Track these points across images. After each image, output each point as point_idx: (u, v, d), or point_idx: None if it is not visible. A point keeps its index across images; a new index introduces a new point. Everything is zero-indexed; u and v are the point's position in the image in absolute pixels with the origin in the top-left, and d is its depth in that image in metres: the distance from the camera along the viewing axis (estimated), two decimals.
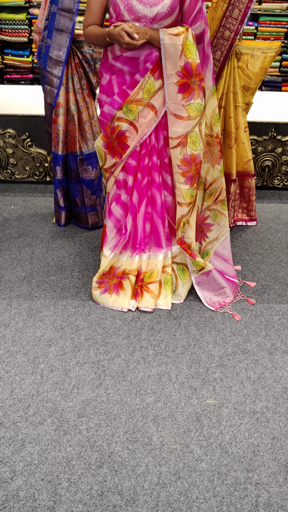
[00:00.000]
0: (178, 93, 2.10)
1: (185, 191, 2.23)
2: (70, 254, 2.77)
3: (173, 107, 2.12)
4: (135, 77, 2.09)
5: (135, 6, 1.98)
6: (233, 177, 2.95)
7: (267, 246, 2.91)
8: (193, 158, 2.19)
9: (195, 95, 2.11)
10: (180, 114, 2.13)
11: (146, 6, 1.98)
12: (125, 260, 2.35)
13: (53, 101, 2.72)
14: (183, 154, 2.18)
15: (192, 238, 2.33)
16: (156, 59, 2.08)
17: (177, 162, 2.20)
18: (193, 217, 2.32)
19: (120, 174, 2.25)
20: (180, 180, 2.22)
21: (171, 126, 2.15)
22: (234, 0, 2.59)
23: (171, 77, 2.07)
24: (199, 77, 2.09)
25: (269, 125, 3.39)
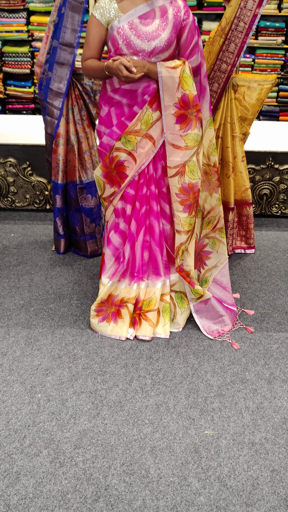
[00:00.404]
0: (175, 124, 2.14)
1: (184, 219, 2.25)
2: (69, 282, 2.77)
3: (171, 137, 2.16)
4: (133, 109, 2.14)
5: (133, 40, 2.04)
6: (231, 206, 2.98)
7: (265, 274, 2.92)
8: (191, 186, 2.22)
9: (192, 126, 2.15)
10: (178, 144, 2.16)
11: (144, 41, 2.04)
12: (123, 288, 2.35)
13: (53, 132, 2.77)
14: (181, 183, 2.21)
15: (191, 266, 2.34)
16: (154, 91, 2.13)
17: (175, 191, 2.23)
18: (192, 245, 2.33)
19: (119, 203, 2.28)
20: (179, 209, 2.25)
21: (169, 155, 2.19)
22: (231, 35, 2.67)
23: (169, 108, 2.12)
24: (196, 108, 2.14)
25: (267, 154, 3.44)
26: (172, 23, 2.07)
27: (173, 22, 2.07)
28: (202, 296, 2.38)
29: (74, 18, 2.55)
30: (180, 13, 2.09)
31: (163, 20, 2.06)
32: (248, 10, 2.61)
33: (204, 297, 2.39)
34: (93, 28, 2.11)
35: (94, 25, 2.10)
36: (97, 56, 2.16)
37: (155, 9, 2.07)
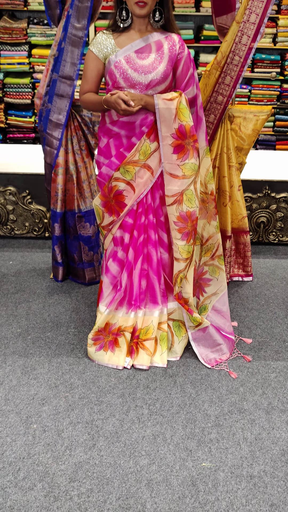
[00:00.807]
0: (173, 154, 2.18)
1: (182, 247, 2.27)
2: (66, 310, 2.77)
3: (168, 166, 2.20)
4: (131, 140, 2.18)
5: (130, 74, 2.09)
6: (228, 234, 3.01)
7: (263, 302, 2.92)
8: (189, 215, 2.24)
9: (189, 156, 2.19)
10: (176, 173, 2.20)
11: (141, 74, 2.10)
12: (121, 317, 2.35)
13: (52, 161, 2.82)
14: (179, 211, 2.23)
15: (189, 293, 2.34)
16: (151, 123, 2.17)
17: (174, 219, 2.25)
18: (191, 272, 2.34)
19: (118, 231, 2.30)
20: (177, 236, 2.26)
21: (167, 184, 2.22)
22: (226, 68, 2.74)
23: (166, 139, 2.16)
24: (193, 138, 2.18)
25: (263, 183, 3.48)
26: (167, 56, 2.12)
27: (168, 56, 2.13)
28: (200, 324, 2.38)
29: (73, 52, 2.62)
30: (175, 47, 2.15)
31: (159, 54, 2.12)
32: (243, 45, 2.68)
33: (202, 325, 2.39)
34: (91, 63, 2.17)
35: (91, 60, 2.17)
36: (94, 90, 2.22)
37: (150, 44, 2.13)
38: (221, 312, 2.52)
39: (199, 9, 4.64)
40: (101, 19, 4.69)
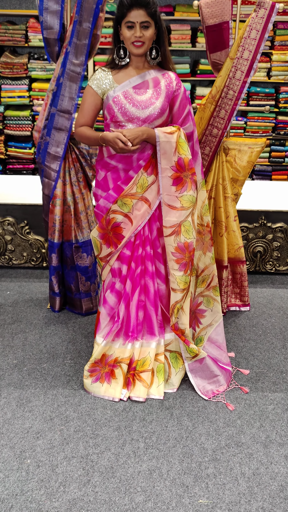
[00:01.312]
0: (172, 186, 2.21)
1: (179, 278, 2.27)
2: (63, 341, 2.76)
3: (167, 198, 2.22)
4: (129, 174, 2.22)
5: (128, 108, 2.15)
6: (225, 264, 3.02)
7: (260, 332, 2.91)
8: (186, 246, 2.26)
9: (187, 188, 2.22)
10: (174, 205, 2.22)
11: (139, 109, 2.15)
12: (118, 348, 2.34)
13: (50, 193, 2.85)
14: (177, 242, 2.25)
15: (186, 324, 2.34)
16: (149, 157, 2.21)
17: (171, 250, 2.26)
18: (187, 303, 2.34)
19: (116, 263, 2.32)
20: (174, 267, 2.28)
21: (166, 215, 2.24)
22: (221, 102, 2.80)
23: (166, 171, 2.20)
24: (191, 171, 2.22)
25: (259, 213, 3.52)
26: (164, 93, 2.18)
27: (165, 92, 2.18)
28: (197, 355, 2.37)
29: (72, 87, 2.69)
30: (172, 84, 2.21)
31: (156, 90, 2.17)
32: (236, 80, 2.76)
33: (199, 356, 2.37)
34: (89, 97, 2.23)
35: (90, 95, 2.22)
36: (90, 124, 2.27)
37: (148, 80, 2.19)
38: (217, 343, 2.51)
39: (195, 44, 4.77)
40: (99, 54, 4.82)
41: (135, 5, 2.05)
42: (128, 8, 2.06)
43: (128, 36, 2.10)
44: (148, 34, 2.10)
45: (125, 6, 2.07)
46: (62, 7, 2.62)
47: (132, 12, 2.06)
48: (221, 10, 2.71)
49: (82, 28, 2.62)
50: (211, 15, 2.72)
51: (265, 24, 2.70)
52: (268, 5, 2.68)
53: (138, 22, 2.06)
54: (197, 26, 4.78)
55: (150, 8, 2.07)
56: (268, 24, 2.69)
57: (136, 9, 2.06)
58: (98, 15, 2.62)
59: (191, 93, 4.97)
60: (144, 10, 2.06)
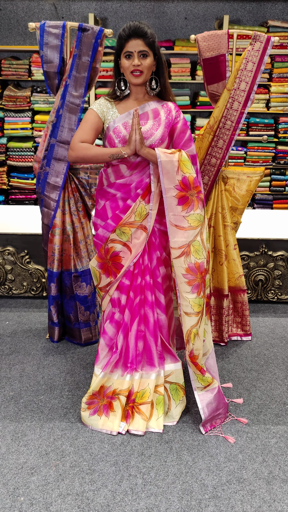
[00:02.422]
0: (177, 205, 2.18)
1: (193, 300, 2.21)
2: (61, 372, 2.71)
3: (174, 218, 2.19)
4: (127, 202, 2.22)
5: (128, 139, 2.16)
6: (225, 292, 2.99)
7: (262, 362, 2.85)
8: (197, 266, 2.21)
9: (194, 206, 2.19)
10: (182, 225, 2.19)
11: None
12: (116, 380, 2.29)
13: (50, 222, 2.86)
14: (188, 263, 2.20)
15: (200, 350, 2.25)
16: (147, 185, 2.22)
17: (182, 272, 2.20)
18: (202, 328, 2.26)
19: (115, 292, 2.29)
20: (186, 290, 2.20)
21: (173, 236, 2.19)
22: (219, 132, 2.83)
23: (170, 191, 2.17)
24: (197, 189, 2.20)
25: (260, 242, 3.51)
26: (164, 123, 2.20)
27: (165, 122, 2.20)
28: (210, 384, 2.28)
29: (71, 118, 2.72)
30: (172, 113, 2.23)
31: (155, 121, 2.20)
32: (234, 110, 2.79)
33: (211, 385, 2.28)
34: (92, 118, 2.20)
35: (92, 116, 2.20)
36: (91, 142, 2.22)
37: (148, 111, 2.21)
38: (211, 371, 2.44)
39: (194, 77, 4.87)
40: (101, 87, 4.92)
41: (133, 35, 2.09)
42: (126, 39, 2.10)
43: (127, 66, 2.13)
44: (146, 63, 2.13)
45: (123, 37, 2.11)
46: (62, 42, 2.69)
47: (130, 42, 2.10)
48: (217, 43, 2.77)
49: (81, 62, 2.68)
50: (208, 48, 2.77)
51: (261, 56, 2.75)
52: (263, 39, 2.73)
53: (136, 51, 2.10)
54: (196, 60, 4.89)
55: (148, 38, 2.11)
56: (264, 56, 2.74)
57: (134, 39, 2.09)
58: (97, 49, 2.68)
59: (191, 124, 5.04)
60: (142, 40, 2.10)
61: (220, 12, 4.92)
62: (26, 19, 4.94)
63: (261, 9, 4.93)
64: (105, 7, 4.91)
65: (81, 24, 2.64)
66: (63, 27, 2.68)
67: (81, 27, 2.64)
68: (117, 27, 4.89)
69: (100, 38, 2.67)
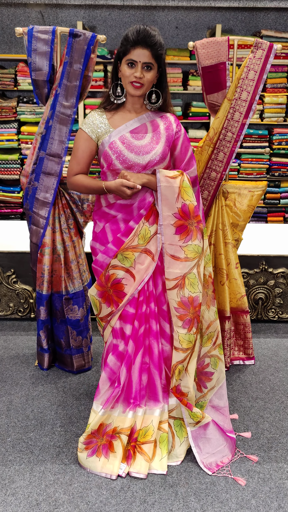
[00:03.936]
0: (175, 235, 2.02)
1: (182, 336, 2.05)
2: (52, 404, 2.49)
3: (170, 248, 2.03)
4: (129, 224, 2.03)
5: (126, 155, 1.98)
6: (227, 314, 2.80)
7: (268, 389, 2.66)
8: (191, 300, 2.04)
9: (193, 237, 2.03)
10: (178, 255, 2.03)
11: (138, 155, 1.98)
12: (117, 417, 2.07)
13: (38, 241, 2.65)
14: (181, 296, 2.04)
15: (189, 387, 2.09)
16: (150, 205, 2.03)
17: (174, 305, 2.05)
18: (193, 364, 2.10)
19: (117, 322, 2.09)
20: (178, 324, 2.05)
21: (168, 267, 2.04)
22: (219, 144, 2.66)
23: (168, 218, 2.01)
24: (197, 219, 2.03)
25: (260, 258, 3.34)
26: (165, 136, 2.03)
27: (165, 136, 2.03)
28: (200, 420, 2.11)
29: (61, 130, 2.54)
30: (172, 126, 2.06)
31: (155, 134, 2.02)
32: (235, 122, 2.63)
33: (203, 421, 2.12)
34: (82, 143, 2.06)
35: (83, 140, 2.05)
36: (86, 171, 2.10)
37: (146, 124, 2.04)
38: (218, 408, 2.26)
39: (186, 87, 4.73)
40: (90, 98, 4.75)
41: (141, 43, 1.91)
42: (132, 45, 1.92)
43: (128, 75, 1.95)
44: (149, 76, 1.96)
45: (130, 42, 1.92)
46: (52, 48, 2.50)
47: (136, 50, 1.91)
48: (217, 51, 2.61)
49: (72, 70, 2.50)
50: (207, 56, 2.61)
51: (263, 64, 2.60)
52: (265, 46, 2.58)
53: (141, 62, 1.92)
54: (188, 70, 4.75)
55: (157, 49, 1.93)
56: (267, 65, 2.59)
57: (141, 48, 1.91)
58: (90, 56, 2.51)
59: None
60: (149, 51, 1.92)
61: (212, 22, 4.80)
62: (11, 27, 4.75)
63: (254, 18, 4.82)
64: (93, 15, 4.75)
65: (72, 30, 2.46)
66: (52, 32, 2.49)
67: (72, 32, 2.46)
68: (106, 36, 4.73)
69: (92, 44, 2.49)
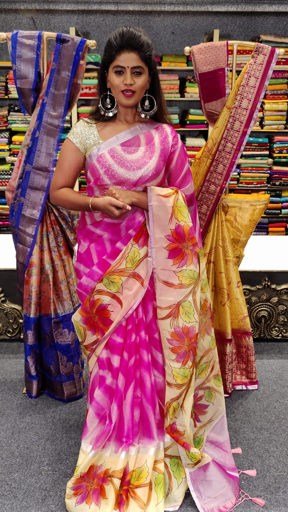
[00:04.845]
0: (168, 259, 1.84)
1: (176, 370, 1.86)
2: (39, 438, 2.30)
3: (162, 273, 1.84)
4: (116, 246, 1.85)
5: (116, 170, 1.80)
6: (228, 337, 2.62)
7: (273, 418, 2.47)
8: (186, 331, 1.86)
9: (188, 261, 1.85)
10: (171, 282, 1.84)
11: (129, 170, 1.81)
12: (109, 457, 1.88)
13: (25, 260, 2.47)
14: (174, 326, 1.85)
15: (186, 426, 1.90)
16: (140, 225, 1.85)
17: (167, 336, 1.86)
18: (189, 401, 1.91)
19: (104, 352, 1.90)
20: (171, 357, 1.87)
21: (160, 294, 1.85)
22: (218, 156, 2.49)
23: (160, 241, 1.83)
24: (192, 241, 1.85)
25: (262, 274, 3.17)
26: (159, 150, 1.85)
27: (160, 149, 1.85)
28: (199, 460, 1.92)
29: (49, 142, 2.37)
30: (168, 139, 1.88)
31: (149, 148, 1.84)
32: (235, 131, 2.46)
33: (202, 461, 1.93)
34: (69, 154, 1.88)
35: (70, 151, 1.88)
36: (71, 184, 1.92)
37: (139, 136, 1.86)
38: (218, 443, 2.06)
39: (183, 94, 4.57)
40: (84, 106, 4.59)
41: (126, 46, 1.73)
42: (117, 50, 1.74)
43: (117, 84, 1.77)
44: (140, 82, 1.78)
45: (114, 47, 1.74)
46: (38, 54, 2.34)
47: (123, 55, 1.74)
48: (215, 56, 2.44)
49: (60, 77, 2.33)
50: (204, 61, 2.45)
51: (265, 70, 2.43)
52: (267, 51, 2.42)
53: (129, 67, 1.75)
54: (185, 76, 4.59)
55: (144, 51, 1.75)
56: (268, 70, 2.43)
57: (127, 52, 1.73)
58: (79, 62, 2.34)
59: None
60: (137, 54, 1.74)
61: (210, 27, 4.65)
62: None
63: (252, 23, 4.67)
64: (87, 21, 4.60)
65: (60, 34, 2.30)
66: (38, 37, 2.33)
67: (60, 37, 2.30)
68: (100, 42, 4.58)
69: (81, 50, 2.33)
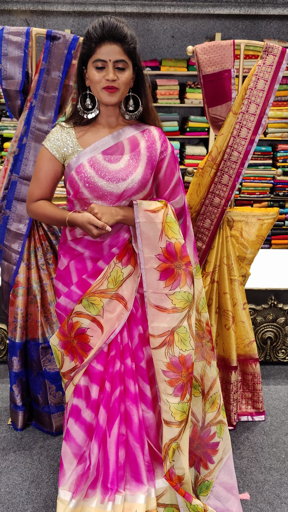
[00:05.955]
0: (159, 280, 1.63)
1: (175, 406, 1.63)
2: (24, 480, 2.05)
3: (153, 297, 1.63)
4: (98, 264, 1.64)
5: (97, 182, 1.58)
6: (233, 364, 2.39)
7: (284, 456, 2.24)
8: (182, 361, 1.64)
9: (181, 282, 1.64)
10: (164, 306, 1.63)
11: (112, 182, 1.59)
12: (95, 508, 1.64)
13: (11, 280, 2.24)
14: (170, 356, 1.63)
15: (185, 468, 1.67)
16: (124, 243, 1.64)
17: (162, 367, 1.64)
18: (185, 439, 1.68)
19: (82, 379, 1.68)
20: (168, 391, 1.64)
21: (152, 321, 1.64)
22: (223, 165, 2.28)
23: (150, 261, 1.62)
24: (185, 260, 1.64)
25: (268, 292, 2.94)
26: (145, 157, 1.63)
27: (147, 157, 1.63)
28: None
29: (37, 149, 2.15)
30: (156, 144, 1.66)
31: (133, 155, 1.62)
32: (242, 139, 2.25)
33: None
34: (45, 163, 1.66)
35: (46, 159, 1.66)
36: (49, 196, 1.71)
37: (122, 141, 1.64)
38: (226, 485, 1.83)
39: (183, 100, 4.36)
40: None
41: (108, 38, 1.52)
42: (97, 42, 1.53)
43: (97, 79, 1.56)
44: (123, 78, 1.56)
45: (93, 39, 1.53)
46: (26, 53, 2.12)
47: (103, 47, 1.53)
48: (220, 56, 2.23)
49: (50, 78, 2.11)
50: (209, 62, 2.24)
51: (275, 72, 2.22)
52: (277, 51, 2.21)
53: (111, 60, 1.53)
54: (185, 81, 4.39)
55: (128, 42, 1.54)
56: (279, 72, 2.22)
57: (109, 44, 1.52)
58: (71, 62, 2.13)
59: (180, 153, 4.50)
60: (120, 45, 1.53)
61: (211, 31, 4.46)
62: None
63: (255, 27, 4.48)
64: (83, 23, 4.40)
65: (50, 31, 2.09)
66: (27, 34, 2.11)
67: (50, 34, 2.08)
68: None
69: (74, 48, 2.12)
